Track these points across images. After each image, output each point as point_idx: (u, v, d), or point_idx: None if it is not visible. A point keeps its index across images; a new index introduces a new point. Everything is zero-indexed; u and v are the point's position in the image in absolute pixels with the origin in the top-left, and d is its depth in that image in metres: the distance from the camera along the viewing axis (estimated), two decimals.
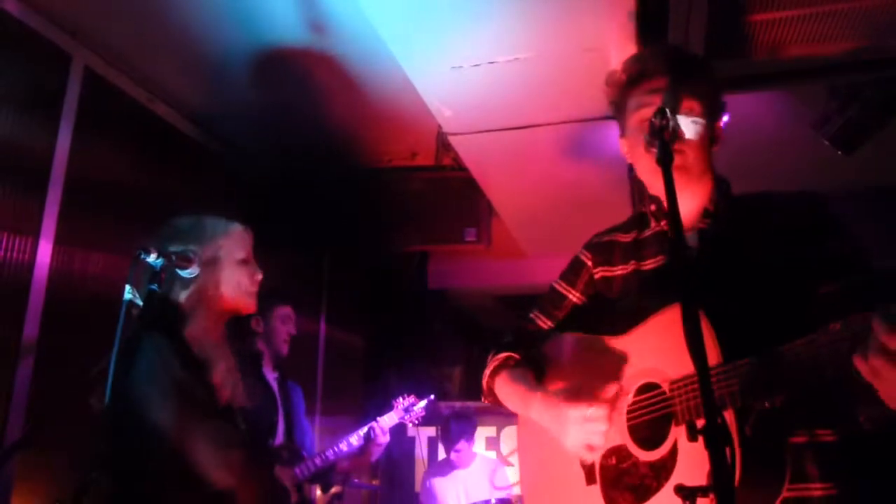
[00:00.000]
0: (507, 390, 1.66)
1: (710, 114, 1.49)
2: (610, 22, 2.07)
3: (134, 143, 3.02)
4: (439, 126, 3.07)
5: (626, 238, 1.65)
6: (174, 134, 3.32)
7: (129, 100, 3.03)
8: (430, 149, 3.70)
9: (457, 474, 4.42)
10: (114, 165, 2.89)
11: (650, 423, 1.38)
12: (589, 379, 1.49)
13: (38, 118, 2.56)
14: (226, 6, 2.64)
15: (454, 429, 4.36)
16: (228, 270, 1.83)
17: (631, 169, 3.36)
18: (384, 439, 3.32)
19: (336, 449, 3.15)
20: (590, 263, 1.68)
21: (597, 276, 1.66)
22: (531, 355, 1.68)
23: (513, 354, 1.69)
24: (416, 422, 3.70)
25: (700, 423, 1.08)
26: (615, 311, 1.57)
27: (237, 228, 1.89)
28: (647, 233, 1.60)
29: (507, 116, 2.90)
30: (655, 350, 1.39)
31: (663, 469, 1.32)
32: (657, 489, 1.32)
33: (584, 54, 2.38)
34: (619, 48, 2.17)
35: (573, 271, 1.71)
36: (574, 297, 1.70)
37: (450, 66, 2.51)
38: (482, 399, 1.76)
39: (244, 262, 1.87)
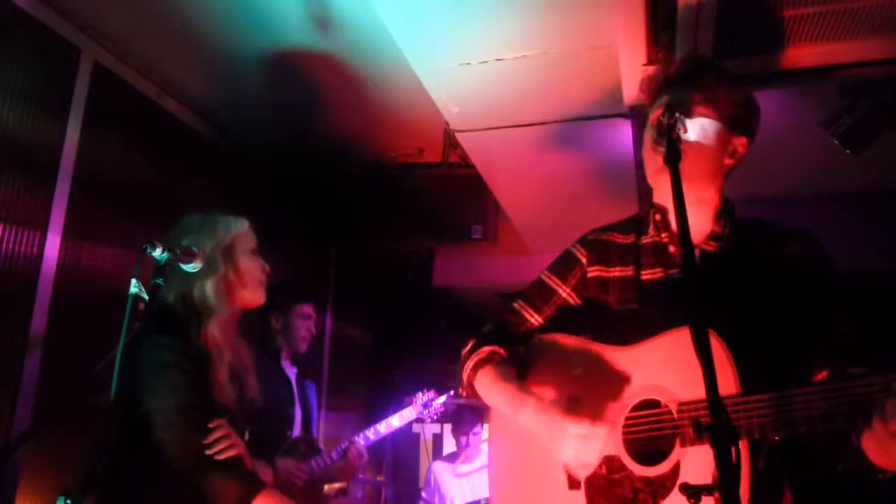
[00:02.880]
0: (491, 388, 1.58)
1: (727, 123, 1.47)
2: (618, 19, 2.06)
3: (142, 137, 3.04)
4: (446, 123, 3.06)
5: (625, 240, 1.61)
6: (182, 129, 3.33)
7: (138, 94, 3.04)
8: (437, 145, 3.70)
9: (462, 468, 4.42)
10: (122, 160, 2.90)
11: (650, 440, 1.37)
12: (588, 391, 1.47)
13: (48, 112, 2.57)
14: (235, 4, 2.64)
15: (468, 415, 4.36)
16: (244, 260, 1.90)
17: (638, 166, 3.37)
18: (360, 461, 3.17)
19: (321, 461, 3.06)
20: (584, 261, 1.63)
21: (591, 276, 1.61)
22: (515, 352, 1.64)
23: (498, 349, 1.62)
24: (435, 417, 3.67)
25: (709, 449, 1.09)
26: (613, 318, 1.55)
27: (246, 223, 1.97)
28: (646, 240, 1.57)
29: (515, 113, 2.90)
30: (662, 369, 1.37)
31: (661, 487, 1.31)
32: None
33: (592, 52, 2.38)
34: (628, 45, 2.15)
35: (565, 265, 1.66)
36: (564, 292, 1.65)
37: (457, 63, 2.50)
38: (459, 391, 1.70)
39: (256, 252, 1.94)
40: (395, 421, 3.41)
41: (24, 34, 2.49)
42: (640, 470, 1.36)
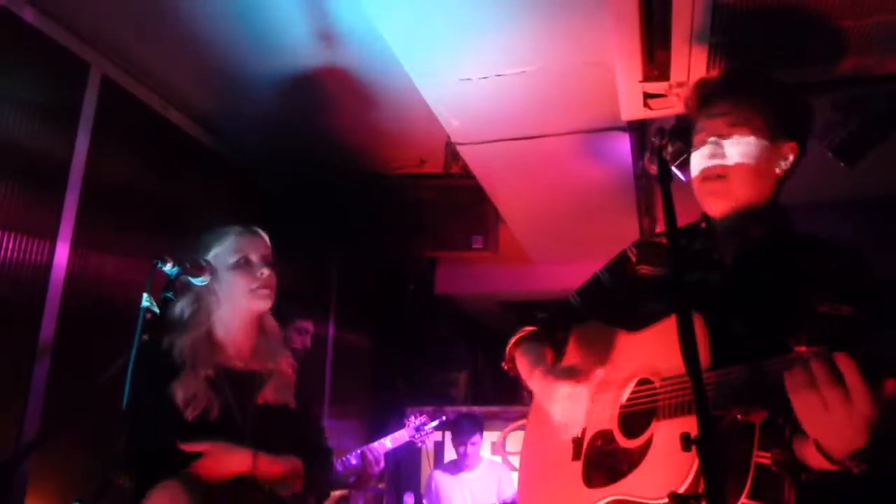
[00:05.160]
0: (518, 361, 1.78)
1: (768, 136, 1.46)
2: (614, 38, 2.10)
3: (149, 149, 3.09)
4: (448, 135, 3.11)
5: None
6: (187, 140, 3.38)
7: (145, 107, 3.09)
8: (438, 157, 3.74)
9: (463, 476, 4.45)
10: (129, 171, 2.96)
11: (637, 413, 1.45)
12: (589, 365, 1.59)
13: (57, 124, 2.62)
14: (240, 16, 2.69)
15: (466, 425, 4.39)
16: (222, 276, 1.87)
17: (637, 178, 3.41)
18: (376, 468, 3.24)
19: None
20: (634, 259, 1.73)
21: (640, 273, 1.70)
22: (555, 335, 1.79)
23: (535, 329, 1.80)
24: (425, 443, 3.74)
25: (678, 423, 1.14)
26: (642, 309, 1.61)
27: (230, 234, 1.93)
28: (695, 247, 1.61)
29: (515, 127, 2.95)
30: (656, 349, 1.46)
31: (634, 457, 1.38)
32: (626, 474, 1.38)
33: (590, 67, 2.43)
34: (624, 62, 2.20)
35: (616, 262, 1.78)
36: (613, 286, 1.76)
37: (458, 78, 2.55)
38: (502, 364, 1.86)
39: (240, 264, 1.89)
40: (387, 443, 3.47)
41: (34, 49, 2.54)
42: (623, 442, 1.44)
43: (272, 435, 1.84)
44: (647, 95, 2.29)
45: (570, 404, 1.51)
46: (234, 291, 1.87)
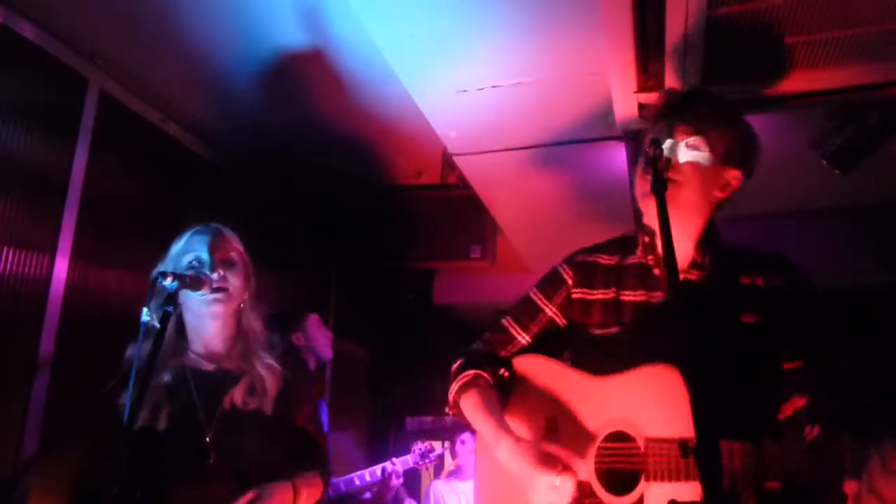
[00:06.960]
0: (474, 414, 1.65)
1: (719, 157, 1.51)
2: (608, 49, 2.12)
3: (147, 162, 3.11)
4: (444, 146, 3.12)
5: (609, 261, 1.64)
6: (186, 153, 3.40)
7: (143, 121, 3.11)
8: (435, 167, 3.76)
9: (456, 484, 4.47)
10: (128, 184, 2.97)
11: (619, 471, 1.42)
12: (564, 419, 1.52)
13: (56, 138, 2.64)
14: (237, 31, 2.71)
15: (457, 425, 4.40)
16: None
17: (633, 187, 3.42)
18: (396, 482, 3.44)
19: (350, 481, 3.22)
20: (570, 282, 1.67)
21: (574, 297, 1.65)
22: (499, 376, 1.68)
23: (482, 373, 1.67)
24: (430, 469, 3.83)
25: (671, 488, 1.16)
26: (593, 344, 1.58)
27: (186, 234, 1.88)
28: (631, 260, 1.61)
29: (511, 137, 2.96)
30: (635, 403, 1.41)
31: None
32: None
33: (585, 79, 2.44)
34: (619, 73, 2.22)
35: (552, 284, 1.70)
36: (550, 311, 1.69)
37: (455, 90, 2.57)
38: (446, 410, 1.75)
39: (192, 266, 1.79)
40: (389, 467, 3.54)
41: (33, 65, 2.56)
42: (608, 499, 1.41)
43: (236, 439, 1.75)
44: (641, 106, 2.30)
45: (553, 496, 1.43)
46: (189, 295, 1.76)
